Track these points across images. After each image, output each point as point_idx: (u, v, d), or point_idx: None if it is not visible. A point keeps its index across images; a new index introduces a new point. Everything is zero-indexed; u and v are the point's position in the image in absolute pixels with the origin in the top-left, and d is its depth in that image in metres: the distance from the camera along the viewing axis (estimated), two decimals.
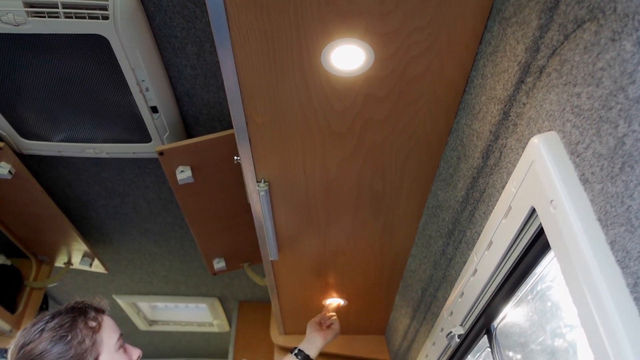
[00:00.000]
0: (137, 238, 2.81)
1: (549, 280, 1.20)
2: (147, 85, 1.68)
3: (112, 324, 1.28)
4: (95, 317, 1.24)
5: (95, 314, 1.25)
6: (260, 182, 1.44)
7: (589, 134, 0.74)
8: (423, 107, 1.20)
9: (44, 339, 1.15)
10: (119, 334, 1.26)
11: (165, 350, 4.49)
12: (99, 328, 1.22)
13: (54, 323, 1.17)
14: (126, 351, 1.27)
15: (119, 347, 1.24)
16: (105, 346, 1.21)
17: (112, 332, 1.25)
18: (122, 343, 1.27)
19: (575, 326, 1.14)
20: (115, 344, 1.23)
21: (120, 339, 1.26)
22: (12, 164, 1.98)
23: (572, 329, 1.16)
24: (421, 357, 1.90)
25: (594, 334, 0.74)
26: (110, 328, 1.25)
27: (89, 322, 1.21)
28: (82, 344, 1.16)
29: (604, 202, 0.73)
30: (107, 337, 1.23)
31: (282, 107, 1.20)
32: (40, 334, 1.16)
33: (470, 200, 1.25)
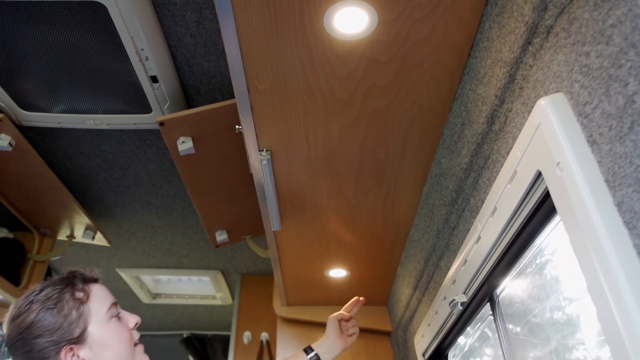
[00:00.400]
0: (139, 211, 2.81)
1: (549, 253, 1.20)
2: (147, 54, 1.66)
3: (103, 294, 1.24)
4: (82, 288, 1.21)
5: (84, 284, 1.22)
6: (262, 151, 1.43)
7: (598, 94, 0.73)
8: (427, 72, 1.18)
9: (32, 310, 1.14)
10: (111, 303, 1.23)
11: (169, 323, 4.53)
12: (86, 299, 1.19)
13: (42, 295, 1.17)
14: (121, 319, 1.24)
15: (110, 316, 1.20)
16: (94, 316, 1.18)
17: (102, 301, 1.21)
18: (116, 312, 1.23)
19: (575, 299, 1.15)
20: (106, 313, 1.20)
21: (112, 308, 1.22)
22: (12, 136, 1.97)
23: (571, 302, 1.16)
24: (423, 326, 1.91)
25: (600, 297, 0.73)
26: (100, 297, 1.22)
27: (76, 294, 1.19)
28: (68, 315, 1.15)
29: (612, 162, 0.72)
30: (96, 307, 1.19)
31: (284, 73, 1.18)
32: (29, 306, 1.15)
33: (474, 167, 1.24)
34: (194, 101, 1.98)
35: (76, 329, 1.15)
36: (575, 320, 1.15)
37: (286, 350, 2.64)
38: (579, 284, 1.12)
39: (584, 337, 1.13)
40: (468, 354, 1.91)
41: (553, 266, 1.21)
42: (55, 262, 3.33)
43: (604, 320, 0.73)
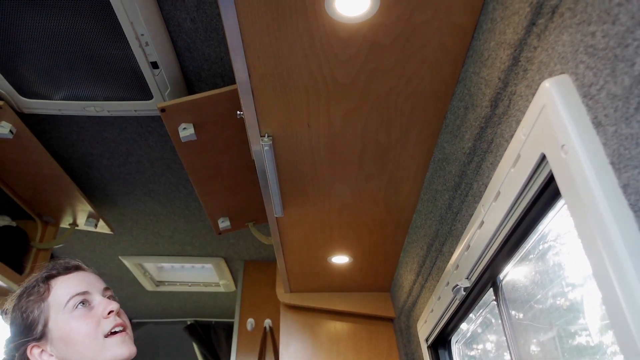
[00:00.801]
0: (141, 199, 2.81)
1: (552, 239, 1.19)
2: (147, 39, 1.65)
3: (67, 286, 1.15)
4: (45, 284, 1.15)
5: (47, 280, 1.16)
6: (264, 137, 1.42)
7: (603, 75, 0.72)
8: (430, 56, 1.17)
9: (11, 307, 1.17)
10: (74, 294, 1.13)
11: (173, 310, 4.55)
12: (47, 294, 1.14)
13: (18, 291, 1.18)
14: (93, 308, 1.14)
15: (72, 307, 1.12)
16: (53, 312, 1.13)
17: (64, 294, 1.14)
18: (80, 302, 1.13)
19: (578, 285, 1.14)
20: (65, 306, 1.12)
21: (75, 297, 1.13)
22: (13, 123, 1.96)
23: (574, 288, 1.16)
24: (426, 312, 1.91)
25: (605, 280, 0.72)
26: (62, 291, 1.14)
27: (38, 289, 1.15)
28: (30, 314, 1.13)
29: (617, 144, 0.71)
30: (55, 301, 1.13)
31: (285, 57, 1.17)
32: (11, 302, 1.18)
33: (477, 152, 1.23)
34: (195, 87, 1.97)
35: (38, 327, 1.12)
36: (578, 306, 1.15)
37: (290, 337, 2.65)
38: (582, 270, 1.11)
39: (587, 322, 1.13)
40: (471, 340, 1.92)
41: (556, 252, 1.21)
42: (59, 250, 3.33)
43: (609, 304, 0.72)
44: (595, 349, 1.11)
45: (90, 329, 1.11)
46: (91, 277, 1.21)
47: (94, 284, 1.19)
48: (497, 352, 1.71)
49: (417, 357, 2.17)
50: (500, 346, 1.67)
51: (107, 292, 1.20)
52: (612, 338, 1.05)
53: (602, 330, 1.07)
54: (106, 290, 1.21)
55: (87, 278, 1.20)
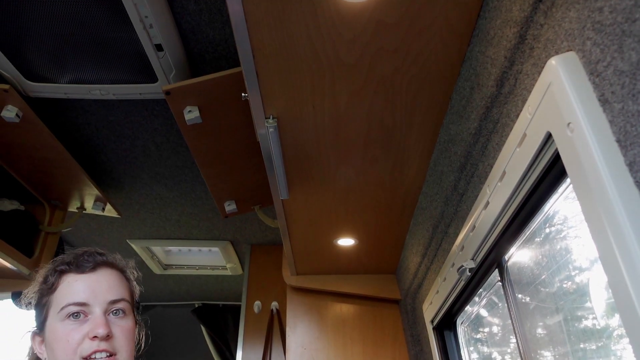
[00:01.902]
0: (148, 182, 2.82)
1: (559, 222, 1.19)
2: (151, 21, 1.64)
3: (69, 292, 1.08)
4: (55, 277, 1.11)
5: (59, 274, 1.11)
6: (269, 119, 1.42)
7: (610, 51, 0.71)
8: (435, 35, 1.16)
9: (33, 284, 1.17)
10: (71, 302, 1.06)
11: (181, 293, 4.59)
12: (53, 290, 1.10)
13: (41, 274, 1.16)
14: (86, 321, 1.06)
15: (64, 316, 1.06)
16: (52, 309, 1.08)
17: (63, 298, 1.08)
18: (72, 314, 1.06)
19: (584, 268, 1.14)
20: (60, 312, 1.06)
21: (67, 309, 1.06)
22: (20, 107, 1.96)
23: (581, 272, 1.16)
24: (432, 293, 1.92)
25: (610, 259, 0.72)
26: (64, 293, 1.09)
27: (49, 278, 1.11)
28: (39, 303, 1.13)
29: (624, 121, 0.70)
30: (55, 302, 1.09)
31: (290, 37, 1.16)
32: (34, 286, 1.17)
33: (483, 132, 1.22)
34: (199, 70, 1.96)
35: (41, 317, 1.10)
36: (585, 289, 1.15)
37: (296, 319, 2.67)
38: (589, 254, 1.11)
39: (593, 305, 1.13)
40: (477, 323, 1.92)
41: (562, 236, 1.21)
42: (68, 234, 3.36)
43: (613, 280, 0.72)
44: (602, 332, 1.11)
45: (70, 346, 1.04)
46: (103, 285, 1.11)
47: (101, 295, 1.09)
48: (503, 336, 1.72)
49: (423, 339, 2.18)
50: (506, 329, 1.68)
51: (115, 305, 1.10)
52: (618, 321, 1.05)
53: (609, 314, 1.07)
54: (114, 303, 1.10)
55: (97, 285, 1.10)
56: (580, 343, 1.21)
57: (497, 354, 1.81)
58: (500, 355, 1.78)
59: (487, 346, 1.89)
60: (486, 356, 1.88)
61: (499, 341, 1.78)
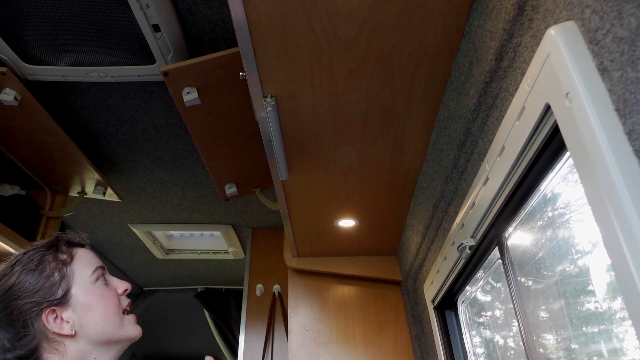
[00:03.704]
0: (148, 166, 2.82)
1: (560, 206, 1.18)
2: (147, 1, 1.62)
3: (89, 258, 1.22)
4: (67, 250, 1.19)
5: (68, 247, 1.20)
6: (267, 97, 1.41)
7: (610, 18, 0.70)
8: (434, 9, 1.14)
9: (15, 272, 1.13)
10: (96, 267, 1.20)
11: (183, 278, 4.61)
12: (70, 260, 1.18)
13: (24, 257, 1.16)
14: (109, 284, 1.21)
15: (95, 279, 1.18)
16: (78, 278, 1.16)
17: (87, 265, 1.20)
18: (101, 275, 1.21)
19: (587, 252, 1.14)
20: (90, 276, 1.18)
21: (97, 271, 1.20)
22: (17, 90, 1.96)
23: (583, 255, 1.15)
24: (433, 273, 1.92)
25: (608, 228, 0.72)
26: (85, 260, 1.20)
27: (59, 255, 1.17)
28: (50, 277, 1.13)
29: (623, 89, 0.69)
30: (80, 269, 1.18)
31: (286, 14, 1.15)
32: (12, 268, 1.15)
33: (482, 108, 1.21)
34: (198, 51, 1.95)
35: (58, 290, 1.13)
36: (586, 272, 1.15)
37: (298, 301, 2.68)
38: (591, 237, 1.10)
39: (595, 289, 1.13)
40: (476, 303, 1.93)
41: (566, 219, 1.20)
42: (70, 219, 3.37)
43: (613, 253, 0.72)
44: (604, 314, 1.11)
45: (115, 301, 1.19)
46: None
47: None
48: (506, 320, 1.72)
49: (424, 319, 2.19)
50: (507, 313, 1.68)
51: None
52: (620, 304, 1.05)
53: (611, 298, 1.07)
54: None
55: (97, 256, 1.25)
56: (582, 326, 1.21)
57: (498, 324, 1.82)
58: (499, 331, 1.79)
59: (489, 327, 1.90)
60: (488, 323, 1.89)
61: (500, 315, 1.78)
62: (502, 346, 1.78)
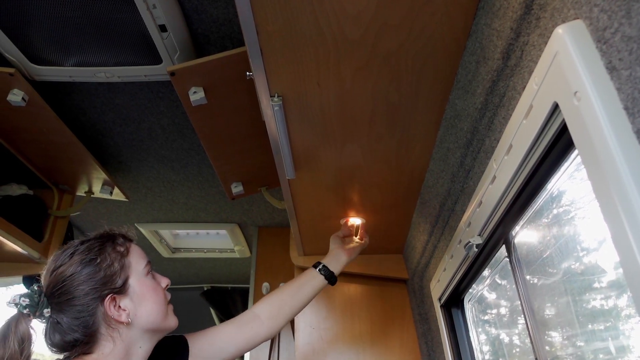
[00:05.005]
0: (154, 165, 2.83)
1: (568, 204, 1.18)
2: (154, 1, 1.63)
3: (141, 252, 1.32)
4: (123, 243, 1.28)
5: (124, 240, 1.30)
6: (274, 97, 1.41)
7: (618, 17, 0.70)
8: (440, 8, 1.14)
9: (74, 262, 1.18)
10: (147, 261, 1.31)
11: (190, 276, 4.63)
12: (127, 253, 1.27)
13: (83, 247, 1.22)
14: (155, 278, 1.31)
15: (147, 272, 1.28)
16: (134, 270, 1.25)
17: (140, 258, 1.29)
18: (150, 270, 1.31)
19: (593, 249, 1.14)
20: (143, 269, 1.27)
21: (148, 266, 1.30)
22: (25, 91, 1.97)
23: (590, 252, 1.16)
24: (439, 271, 1.92)
25: (618, 226, 0.72)
26: (138, 254, 1.30)
27: (117, 247, 1.26)
28: (111, 266, 1.20)
29: (632, 88, 0.69)
30: (135, 261, 1.27)
31: (294, 14, 1.15)
32: (71, 257, 1.19)
33: (489, 107, 1.21)
34: (204, 50, 1.96)
35: (118, 279, 1.21)
36: (593, 270, 1.15)
37: None
38: (597, 234, 1.11)
39: (602, 286, 1.13)
40: (483, 301, 1.93)
41: (571, 217, 1.20)
42: (76, 218, 3.39)
43: (622, 250, 0.72)
44: (611, 311, 1.11)
45: (163, 293, 1.30)
46: None
47: None
48: (512, 317, 1.72)
49: (431, 317, 2.19)
50: (514, 311, 1.68)
51: None
52: (627, 301, 1.05)
53: (617, 295, 1.08)
54: None
55: None
56: (589, 323, 1.21)
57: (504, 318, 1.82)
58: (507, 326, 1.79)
59: (494, 324, 1.90)
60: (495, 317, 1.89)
61: (506, 311, 1.79)
62: (508, 343, 1.79)
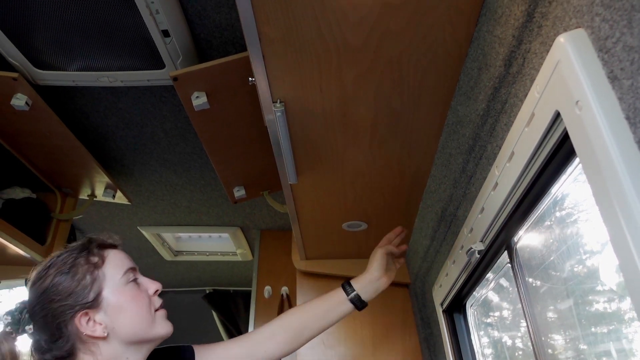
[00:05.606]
0: (157, 169, 2.83)
1: (570, 207, 1.18)
2: (157, 7, 1.63)
3: (120, 259, 1.25)
4: (98, 253, 1.22)
5: (100, 249, 1.23)
6: (276, 103, 1.42)
7: (620, 26, 0.70)
8: (442, 15, 1.15)
9: (49, 275, 1.16)
10: (127, 268, 1.23)
11: (192, 279, 4.63)
12: (101, 263, 1.21)
13: (58, 260, 1.19)
14: (140, 285, 1.25)
15: (127, 281, 1.21)
16: (109, 281, 1.19)
17: (118, 266, 1.22)
18: (133, 277, 1.24)
19: (596, 252, 1.14)
20: (122, 277, 1.21)
21: (129, 273, 1.23)
22: (29, 95, 1.98)
23: (592, 255, 1.15)
24: (441, 276, 1.92)
25: (619, 237, 0.72)
26: (116, 262, 1.23)
27: (91, 258, 1.20)
28: (82, 279, 1.16)
29: (633, 98, 0.69)
30: (111, 271, 1.21)
31: (296, 20, 1.15)
32: (47, 270, 1.18)
33: (491, 113, 1.21)
34: (207, 55, 1.96)
35: (90, 293, 1.15)
36: (595, 272, 1.15)
37: None
38: (600, 237, 1.10)
39: (604, 289, 1.13)
40: (487, 308, 1.93)
41: (574, 219, 1.20)
42: (79, 221, 3.40)
43: (624, 262, 0.72)
44: (613, 315, 1.11)
45: (146, 302, 1.22)
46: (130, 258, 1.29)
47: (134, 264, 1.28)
48: (514, 320, 1.72)
49: (433, 322, 2.19)
50: (516, 314, 1.68)
51: None
52: (629, 304, 1.05)
53: (620, 298, 1.07)
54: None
55: (129, 257, 1.28)
56: (591, 327, 1.21)
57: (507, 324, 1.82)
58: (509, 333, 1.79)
59: (497, 329, 1.90)
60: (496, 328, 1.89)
61: (509, 323, 1.78)
62: (510, 347, 1.78)
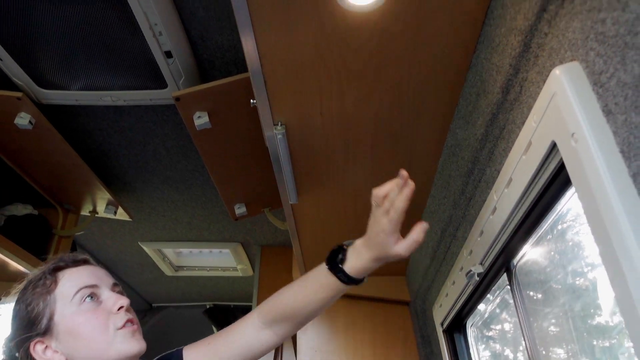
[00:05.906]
0: (159, 186, 2.85)
1: (570, 219, 1.19)
2: (160, 29, 1.66)
3: (76, 278, 1.13)
4: (50, 277, 1.12)
5: (54, 272, 1.13)
6: (277, 125, 1.43)
7: (613, 62, 0.71)
8: (441, 43, 1.16)
9: (15, 301, 1.14)
10: (82, 286, 1.11)
11: (192, 294, 4.63)
12: (54, 287, 1.11)
13: (21, 286, 1.16)
14: (101, 302, 1.12)
15: (80, 300, 1.10)
16: (60, 303, 1.10)
17: (71, 287, 1.11)
18: (89, 294, 1.11)
19: (597, 265, 1.14)
20: (73, 298, 1.09)
21: (83, 290, 1.10)
22: (32, 114, 2.00)
23: (593, 268, 1.16)
24: (441, 296, 1.92)
25: (614, 269, 0.73)
26: (70, 283, 1.12)
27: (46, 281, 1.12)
28: (35, 307, 1.10)
29: (627, 133, 0.70)
30: (63, 292, 1.10)
31: (297, 46, 1.17)
32: (14, 296, 1.15)
33: (489, 138, 1.22)
34: (209, 76, 1.98)
35: (43, 321, 1.09)
36: (595, 286, 1.15)
37: None
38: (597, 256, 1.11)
39: (604, 303, 1.13)
40: (488, 321, 1.93)
41: (575, 232, 1.21)
42: (81, 237, 3.41)
43: (618, 292, 0.73)
44: (613, 329, 1.12)
45: (100, 322, 1.09)
46: (101, 272, 1.18)
47: (103, 279, 1.16)
48: (515, 333, 1.72)
49: (433, 341, 2.18)
50: (518, 327, 1.68)
51: (116, 287, 1.17)
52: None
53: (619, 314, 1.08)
54: (115, 285, 1.17)
55: (96, 272, 1.17)
56: (590, 345, 1.21)
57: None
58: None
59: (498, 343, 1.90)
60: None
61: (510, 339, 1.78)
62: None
